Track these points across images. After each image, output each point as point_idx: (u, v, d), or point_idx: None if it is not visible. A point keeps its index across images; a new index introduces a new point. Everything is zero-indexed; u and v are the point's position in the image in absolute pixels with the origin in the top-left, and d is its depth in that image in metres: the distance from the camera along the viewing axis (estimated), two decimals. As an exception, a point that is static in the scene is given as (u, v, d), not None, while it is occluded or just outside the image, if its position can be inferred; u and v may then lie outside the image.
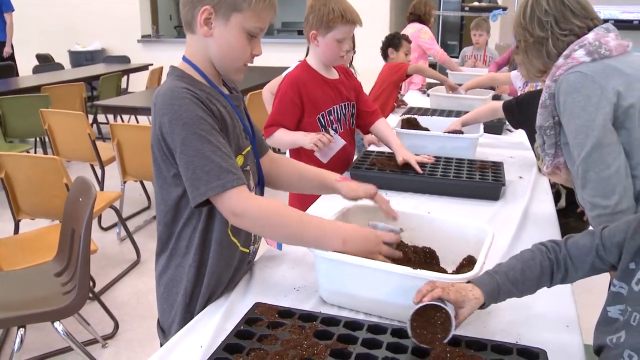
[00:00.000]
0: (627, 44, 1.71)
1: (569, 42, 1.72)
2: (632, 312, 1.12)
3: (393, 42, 4.43)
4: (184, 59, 1.47)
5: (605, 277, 1.38)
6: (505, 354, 1.18)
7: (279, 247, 1.71)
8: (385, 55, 4.50)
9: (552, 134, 1.79)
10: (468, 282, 1.25)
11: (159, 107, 1.36)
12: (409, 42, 4.50)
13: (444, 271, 1.53)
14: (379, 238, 1.42)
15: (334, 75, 2.53)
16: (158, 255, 1.53)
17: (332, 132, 2.41)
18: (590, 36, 1.70)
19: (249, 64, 1.49)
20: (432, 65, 5.52)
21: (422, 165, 2.40)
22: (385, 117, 3.85)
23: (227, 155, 1.35)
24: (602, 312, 1.22)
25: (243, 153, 1.51)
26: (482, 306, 1.23)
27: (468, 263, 1.50)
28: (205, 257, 1.47)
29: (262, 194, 1.65)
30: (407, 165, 2.39)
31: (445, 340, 1.16)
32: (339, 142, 2.39)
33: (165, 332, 1.54)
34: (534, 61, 1.82)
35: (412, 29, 5.38)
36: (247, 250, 1.58)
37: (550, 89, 1.74)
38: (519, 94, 3.31)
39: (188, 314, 1.48)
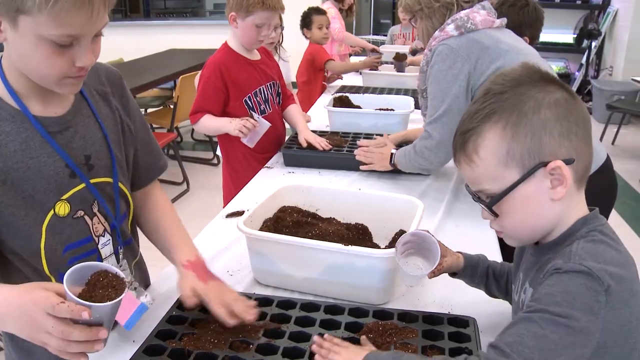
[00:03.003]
0: (492, 20, 1.91)
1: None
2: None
3: (305, 22, 4.28)
4: None
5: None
6: (437, 324, 1.21)
7: (127, 327, 1.18)
8: (305, 36, 4.36)
9: (427, 96, 1.98)
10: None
11: None
12: (322, 13, 4.33)
13: (377, 246, 1.54)
14: (38, 308, 0.92)
15: (255, 56, 2.50)
16: None
17: (256, 115, 2.38)
18: (462, 12, 1.90)
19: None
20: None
21: (354, 142, 2.43)
22: (317, 96, 3.86)
23: None
24: None
25: (64, 198, 1.17)
26: (461, 273, 1.27)
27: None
28: None
29: (118, 237, 1.30)
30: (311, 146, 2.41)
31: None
32: (264, 125, 2.36)
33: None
34: (436, 26, 1.96)
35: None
36: None
37: (427, 57, 1.97)
38: None
39: None
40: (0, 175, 1.08)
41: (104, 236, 1.26)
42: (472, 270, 1.27)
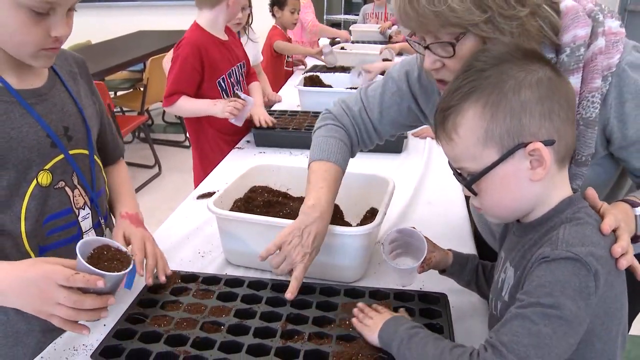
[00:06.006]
0: None
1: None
2: (492, 299, 1.10)
3: (278, 0, 4.16)
4: None
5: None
6: (408, 301, 1.21)
7: (128, 287, 1.20)
8: (273, 14, 4.24)
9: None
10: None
11: None
12: None
13: (348, 225, 1.54)
14: (50, 281, 0.96)
15: (224, 36, 2.49)
16: None
17: (240, 94, 2.35)
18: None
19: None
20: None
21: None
22: (284, 78, 3.84)
23: None
24: None
25: (47, 167, 1.18)
26: (449, 269, 1.24)
27: (371, 215, 1.52)
28: None
29: (98, 211, 1.33)
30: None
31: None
32: (250, 102, 2.33)
33: None
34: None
35: None
36: None
37: (602, 90, 1.08)
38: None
39: None
40: None
41: (84, 209, 1.28)
42: (461, 267, 1.24)
